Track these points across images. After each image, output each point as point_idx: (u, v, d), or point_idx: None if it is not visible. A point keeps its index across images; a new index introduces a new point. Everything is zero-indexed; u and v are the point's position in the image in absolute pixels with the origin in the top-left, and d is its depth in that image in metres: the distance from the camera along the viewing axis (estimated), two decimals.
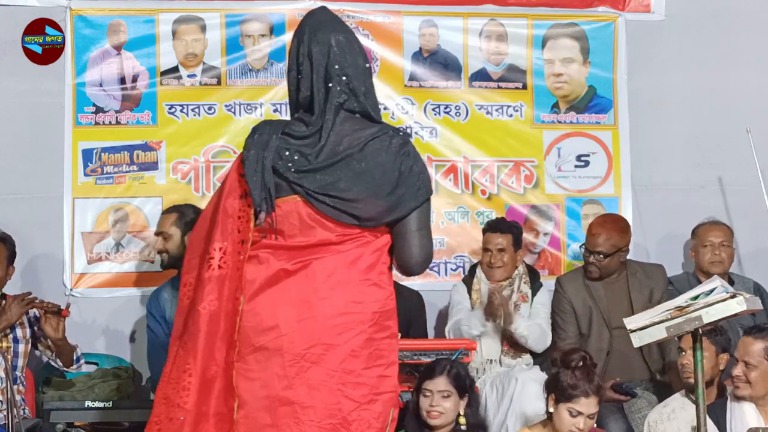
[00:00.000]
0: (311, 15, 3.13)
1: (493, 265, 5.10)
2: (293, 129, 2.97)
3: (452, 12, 5.83)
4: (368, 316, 2.92)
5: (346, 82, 2.99)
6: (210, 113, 5.65)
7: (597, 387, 4.03)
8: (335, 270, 2.92)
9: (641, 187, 5.90)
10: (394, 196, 2.93)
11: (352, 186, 2.91)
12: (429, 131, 5.78)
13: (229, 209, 2.99)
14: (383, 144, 2.95)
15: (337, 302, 2.91)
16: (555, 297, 5.25)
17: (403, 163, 2.95)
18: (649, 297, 5.09)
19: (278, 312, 2.91)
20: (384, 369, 2.94)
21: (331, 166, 2.92)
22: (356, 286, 2.93)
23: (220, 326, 2.94)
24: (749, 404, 4.20)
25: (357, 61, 3.03)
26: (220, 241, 2.97)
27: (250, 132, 3.01)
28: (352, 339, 2.90)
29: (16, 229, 5.07)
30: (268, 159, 2.92)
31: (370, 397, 2.91)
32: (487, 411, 4.78)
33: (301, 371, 2.88)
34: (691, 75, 5.97)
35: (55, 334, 4.65)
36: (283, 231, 2.95)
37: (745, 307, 3.62)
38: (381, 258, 2.98)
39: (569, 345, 5.06)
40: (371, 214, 2.93)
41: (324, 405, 2.89)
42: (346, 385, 2.89)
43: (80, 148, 5.54)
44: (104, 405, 4.49)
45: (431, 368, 4.26)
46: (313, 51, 3.02)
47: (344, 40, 3.03)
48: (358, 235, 2.95)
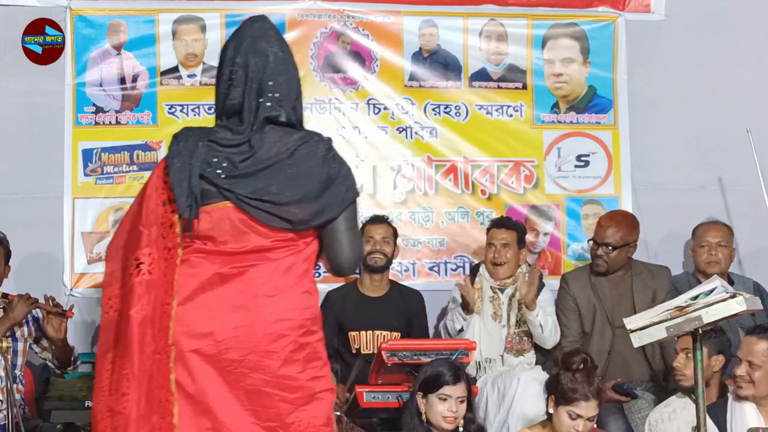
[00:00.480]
0: (251, 24, 3.14)
1: (497, 260, 5.10)
2: (220, 137, 2.99)
3: (452, 12, 5.83)
4: (300, 323, 2.97)
5: (279, 98, 3.04)
6: (210, 113, 5.64)
7: (597, 390, 4.02)
8: (271, 278, 2.96)
9: (641, 187, 5.90)
10: (324, 198, 2.98)
11: (284, 190, 2.95)
12: (429, 131, 5.78)
13: (152, 216, 3.01)
14: (311, 149, 3.01)
15: (274, 310, 2.95)
16: (559, 294, 5.26)
17: (331, 167, 3.01)
18: (652, 298, 5.08)
19: (215, 318, 2.93)
20: (318, 370, 3.00)
21: (261, 171, 2.95)
22: (290, 294, 2.98)
23: (152, 331, 2.95)
24: (750, 404, 4.20)
25: (291, 76, 3.08)
26: (146, 247, 2.98)
27: (171, 139, 3.01)
28: (287, 345, 2.95)
29: (16, 229, 5.07)
30: (195, 166, 2.94)
31: (307, 399, 2.97)
32: (488, 411, 4.79)
33: (239, 377, 2.92)
34: (691, 75, 5.97)
35: (57, 334, 4.65)
36: (215, 237, 2.98)
37: (745, 307, 3.62)
38: (311, 266, 3.04)
39: (571, 343, 5.07)
40: (303, 217, 2.96)
41: (263, 408, 2.94)
42: (283, 389, 2.94)
43: (80, 148, 5.54)
44: None
45: (447, 374, 4.18)
46: (250, 62, 3.04)
47: (281, 55, 3.07)
48: (290, 242, 2.99)
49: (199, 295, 2.95)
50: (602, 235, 5.16)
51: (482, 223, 5.58)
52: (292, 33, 5.71)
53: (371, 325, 5.17)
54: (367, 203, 5.67)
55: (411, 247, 5.72)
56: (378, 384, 4.51)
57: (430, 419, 4.18)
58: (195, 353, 2.93)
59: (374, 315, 5.18)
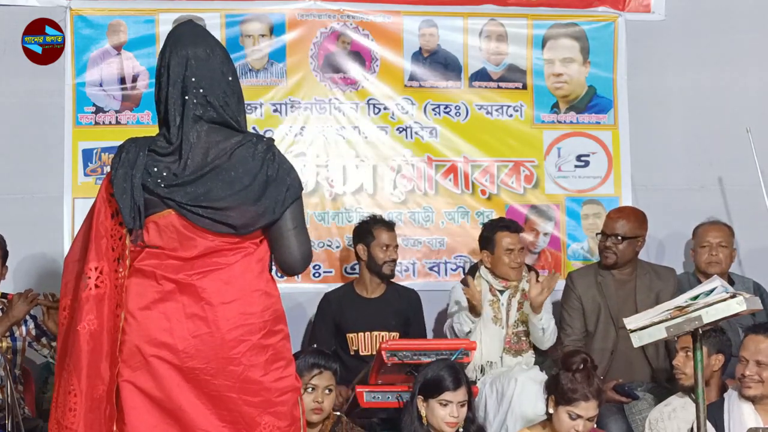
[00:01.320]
0: (175, 29, 3.17)
1: (519, 264, 5.13)
2: (158, 146, 3.02)
3: (452, 12, 5.83)
4: (260, 325, 3.00)
5: (203, 94, 3.03)
6: None
7: (597, 390, 4.02)
8: (225, 285, 2.99)
9: (641, 187, 5.90)
10: (264, 200, 3.00)
11: (224, 195, 2.98)
12: (429, 131, 5.78)
13: (101, 229, 3.04)
14: (249, 151, 3.03)
15: (231, 316, 2.97)
16: (565, 292, 5.27)
17: (270, 167, 3.02)
18: (655, 299, 5.07)
19: (173, 327, 2.96)
20: (282, 371, 3.03)
21: (200, 177, 2.98)
22: (247, 297, 3.00)
23: (103, 345, 2.98)
24: (747, 404, 4.19)
25: (215, 74, 3.06)
26: (95, 260, 3.01)
27: (116, 151, 3.05)
28: (248, 350, 2.97)
29: (17, 229, 5.07)
30: (136, 177, 2.99)
31: (272, 400, 3.00)
32: (487, 411, 4.79)
33: (200, 384, 2.95)
34: (691, 75, 5.98)
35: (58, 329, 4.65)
36: (163, 246, 3.01)
37: (745, 307, 3.62)
38: (265, 266, 3.06)
39: (574, 342, 5.07)
40: (245, 221, 2.99)
41: (227, 412, 2.96)
42: (247, 393, 2.97)
43: (80, 148, 5.54)
44: None
45: (448, 379, 4.17)
46: (171, 64, 3.05)
47: (203, 54, 3.07)
48: (238, 245, 3.01)
49: (158, 305, 2.97)
50: (612, 226, 5.18)
51: (482, 223, 5.57)
52: (292, 33, 5.71)
53: (370, 326, 5.17)
54: (367, 203, 5.68)
55: (411, 247, 5.72)
56: (378, 384, 4.51)
57: (430, 423, 4.18)
58: (157, 359, 2.95)
59: (372, 316, 5.18)
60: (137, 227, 3.00)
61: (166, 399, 2.95)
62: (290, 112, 5.69)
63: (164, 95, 3.05)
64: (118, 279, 3.01)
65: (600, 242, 5.25)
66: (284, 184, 3.02)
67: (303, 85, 5.70)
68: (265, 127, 5.66)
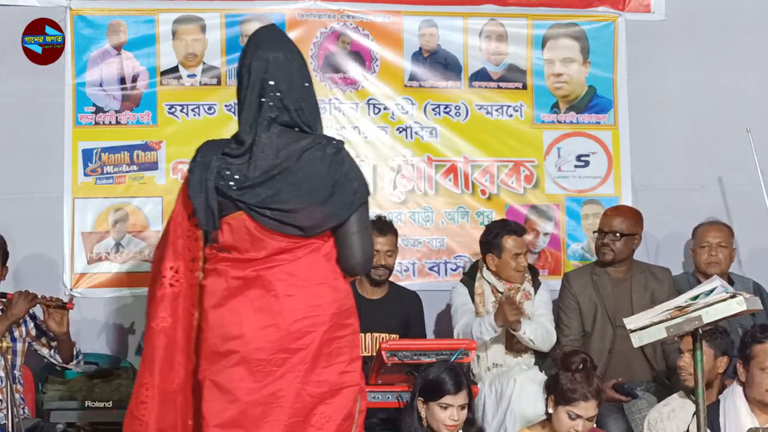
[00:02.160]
0: (257, 32, 3.26)
1: (524, 268, 5.10)
2: (230, 148, 3.13)
3: (452, 12, 5.83)
4: (326, 318, 3.09)
5: (280, 97, 3.12)
6: (210, 113, 5.65)
7: (597, 390, 4.02)
8: (291, 277, 3.08)
9: (641, 187, 5.90)
10: (331, 203, 3.09)
11: (291, 197, 3.07)
12: (429, 131, 5.78)
13: (178, 230, 3.18)
14: (317, 154, 3.10)
15: (296, 308, 3.07)
16: (561, 292, 5.26)
17: (338, 171, 3.10)
18: (651, 299, 5.08)
19: (242, 321, 3.07)
20: (346, 365, 3.12)
21: (269, 180, 3.07)
22: (312, 290, 3.09)
23: (177, 341, 3.12)
24: (744, 405, 4.18)
25: (293, 79, 3.15)
26: (171, 260, 3.16)
27: (194, 154, 3.17)
28: (312, 342, 3.07)
29: (17, 229, 5.07)
30: (210, 180, 3.10)
31: (332, 392, 3.09)
32: (486, 411, 4.78)
33: (267, 375, 3.05)
34: (691, 75, 5.97)
35: (59, 328, 4.66)
36: (237, 246, 3.11)
37: (745, 307, 3.62)
38: (332, 261, 3.15)
39: (572, 342, 5.07)
40: (311, 223, 3.09)
41: (289, 405, 3.05)
42: (308, 383, 3.07)
43: (80, 148, 5.54)
44: (104, 405, 4.49)
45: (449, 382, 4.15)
46: (252, 66, 3.14)
47: (282, 58, 3.15)
48: (306, 243, 3.10)
49: (228, 301, 3.08)
50: (609, 223, 5.19)
51: (482, 223, 5.57)
52: (292, 33, 5.70)
53: (371, 327, 5.16)
54: None
55: (411, 247, 5.72)
56: (378, 384, 4.51)
57: (431, 425, 4.19)
58: (227, 355, 3.05)
59: (374, 317, 5.16)
60: (212, 228, 3.11)
61: (239, 391, 3.05)
62: None
63: (242, 97, 3.15)
64: (193, 278, 3.14)
65: (597, 240, 5.25)
66: (351, 187, 3.11)
67: None
68: None
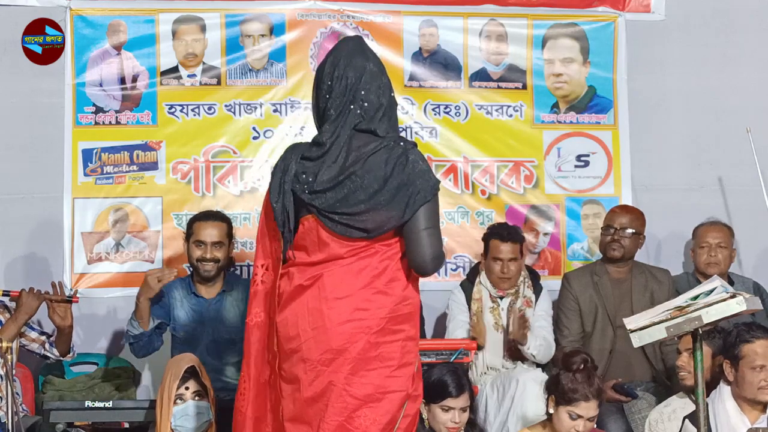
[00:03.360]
0: (347, 42, 3.36)
1: (506, 276, 5.05)
2: (310, 151, 3.22)
3: (452, 12, 5.83)
4: (375, 322, 3.14)
5: (367, 107, 3.22)
6: (210, 113, 5.65)
7: (597, 390, 4.02)
8: (341, 281, 3.16)
9: (641, 187, 5.90)
10: (394, 203, 3.14)
11: (356, 201, 3.14)
12: (429, 131, 5.78)
13: (266, 230, 3.31)
14: (383, 156, 3.16)
15: (344, 311, 3.14)
16: (561, 293, 5.26)
17: (403, 171, 3.15)
18: (650, 299, 5.09)
19: (299, 322, 3.17)
20: (393, 370, 3.16)
21: (338, 184, 3.15)
22: (361, 294, 3.15)
23: (266, 336, 3.27)
24: (733, 405, 4.16)
25: (380, 90, 3.25)
26: (262, 258, 3.31)
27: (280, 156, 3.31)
28: (357, 344, 3.13)
29: (16, 229, 5.07)
30: (287, 183, 3.20)
31: (376, 396, 3.13)
32: (488, 411, 4.79)
33: (318, 375, 3.13)
34: (691, 75, 5.98)
35: (64, 321, 4.69)
36: (307, 247, 3.22)
37: (745, 307, 3.62)
38: (390, 266, 3.20)
39: (571, 343, 5.07)
40: (375, 225, 3.15)
41: (333, 404, 3.12)
42: (352, 385, 3.12)
43: (80, 148, 5.54)
44: (104, 405, 4.48)
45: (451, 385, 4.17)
46: (348, 75, 3.23)
47: (375, 69, 3.27)
48: (366, 248, 3.17)
49: (291, 302, 3.20)
50: (619, 220, 5.21)
51: (482, 223, 5.57)
52: (292, 33, 5.71)
53: None
54: None
55: None
56: None
57: (432, 426, 4.19)
58: (290, 354, 3.18)
59: None
60: (288, 231, 3.22)
61: (301, 388, 3.15)
62: (290, 112, 5.69)
63: (335, 103, 3.24)
64: (275, 278, 3.27)
65: (604, 236, 5.24)
66: (414, 186, 3.15)
67: (303, 85, 5.70)
68: (265, 127, 5.66)
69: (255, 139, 5.67)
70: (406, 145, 3.20)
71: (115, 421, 4.54)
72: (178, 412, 3.94)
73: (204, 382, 4.00)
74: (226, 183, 5.62)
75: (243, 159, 5.64)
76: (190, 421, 3.94)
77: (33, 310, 4.63)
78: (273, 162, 5.59)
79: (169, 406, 3.92)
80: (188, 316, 4.90)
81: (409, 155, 3.17)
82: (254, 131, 5.67)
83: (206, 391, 4.01)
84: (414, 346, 3.25)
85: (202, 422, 3.97)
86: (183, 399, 3.97)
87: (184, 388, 3.97)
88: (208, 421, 3.99)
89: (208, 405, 4.00)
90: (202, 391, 4.00)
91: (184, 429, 3.94)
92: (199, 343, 4.85)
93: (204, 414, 3.98)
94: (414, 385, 3.23)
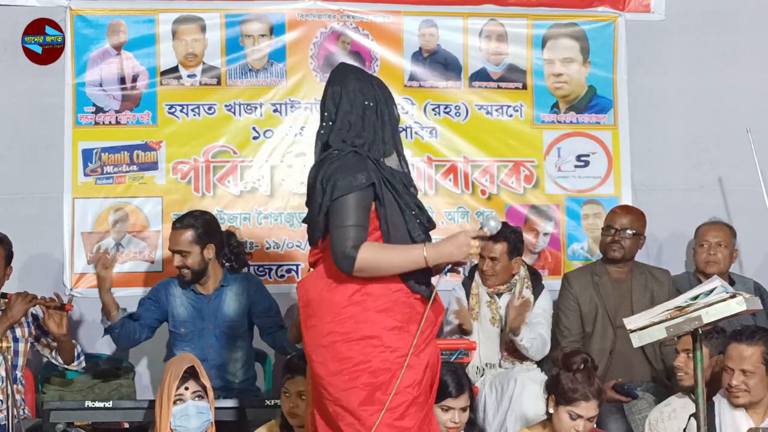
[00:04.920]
0: (364, 71, 3.72)
1: (486, 273, 5.06)
2: None
3: (452, 12, 5.83)
4: (334, 319, 3.47)
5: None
6: (210, 113, 5.65)
7: (597, 390, 4.02)
8: (313, 285, 3.53)
9: (641, 187, 5.90)
10: (312, 210, 3.47)
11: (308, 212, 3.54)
12: (429, 131, 5.78)
13: None
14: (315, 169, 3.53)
15: (323, 308, 3.52)
16: (561, 294, 5.26)
17: (316, 178, 3.46)
18: (650, 299, 5.08)
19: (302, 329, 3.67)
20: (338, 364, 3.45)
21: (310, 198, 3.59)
22: (327, 295, 3.52)
23: None
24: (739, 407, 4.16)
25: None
26: None
27: None
28: (331, 340, 3.47)
29: (16, 229, 5.06)
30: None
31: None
32: (487, 411, 4.79)
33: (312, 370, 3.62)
34: (691, 75, 5.98)
35: (59, 329, 4.67)
36: None
37: (745, 307, 3.62)
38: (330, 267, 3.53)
39: (571, 343, 5.07)
40: (309, 233, 3.53)
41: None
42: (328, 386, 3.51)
43: (80, 148, 5.54)
44: (104, 405, 4.48)
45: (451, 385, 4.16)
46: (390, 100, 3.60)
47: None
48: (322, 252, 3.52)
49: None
50: (620, 221, 5.20)
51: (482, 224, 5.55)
52: (292, 33, 5.71)
53: None
54: None
55: None
56: None
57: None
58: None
59: None
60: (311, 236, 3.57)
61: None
62: (290, 112, 5.69)
63: (374, 116, 3.54)
64: None
65: (604, 237, 5.24)
66: (322, 190, 3.40)
67: (303, 85, 5.70)
68: (265, 127, 5.66)
69: (255, 139, 5.67)
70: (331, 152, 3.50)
71: (115, 421, 4.54)
72: (178, 413, 3.93)
73: (204, 382, 4.00)
74: (226, 183, 5.62)
75: (243, 159, 5.64)
76: (190, 421, 3.94)
77: (20, 314, 4.63)
78: (273, 162, 5.70)
79: (168, 407, 3.92)
80: (188, 312, 4.90)
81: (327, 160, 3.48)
82: (254, 131, 5.66)
83: (206, 391, 4.00)
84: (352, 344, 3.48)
85: (202, 422, 3.97)
86: (183, 399, 3.96)
87: (183, 389, 3.96)
88: (208, 422, 3.99)
89: (208, 405, 3.99)
90: (202, 392, 4.00)
91: (183, 429, 3.94)
92: (201, 338, 4.85)
93: (204, 414, 3.98)
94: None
